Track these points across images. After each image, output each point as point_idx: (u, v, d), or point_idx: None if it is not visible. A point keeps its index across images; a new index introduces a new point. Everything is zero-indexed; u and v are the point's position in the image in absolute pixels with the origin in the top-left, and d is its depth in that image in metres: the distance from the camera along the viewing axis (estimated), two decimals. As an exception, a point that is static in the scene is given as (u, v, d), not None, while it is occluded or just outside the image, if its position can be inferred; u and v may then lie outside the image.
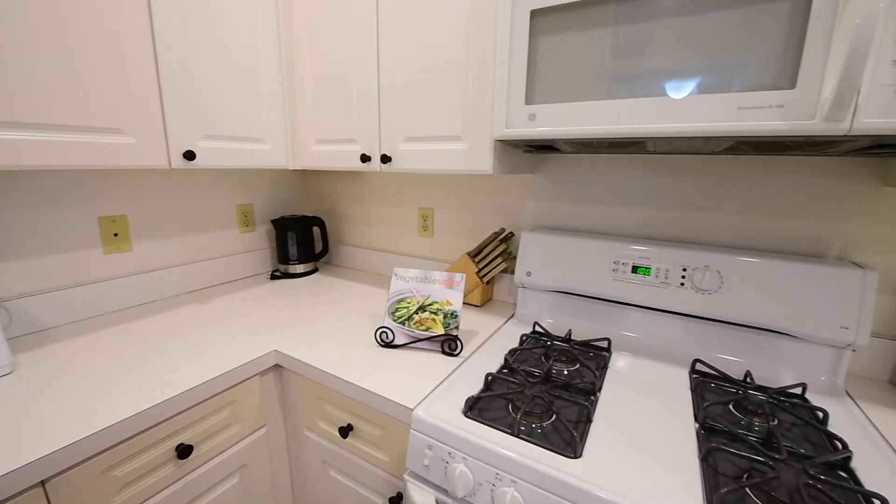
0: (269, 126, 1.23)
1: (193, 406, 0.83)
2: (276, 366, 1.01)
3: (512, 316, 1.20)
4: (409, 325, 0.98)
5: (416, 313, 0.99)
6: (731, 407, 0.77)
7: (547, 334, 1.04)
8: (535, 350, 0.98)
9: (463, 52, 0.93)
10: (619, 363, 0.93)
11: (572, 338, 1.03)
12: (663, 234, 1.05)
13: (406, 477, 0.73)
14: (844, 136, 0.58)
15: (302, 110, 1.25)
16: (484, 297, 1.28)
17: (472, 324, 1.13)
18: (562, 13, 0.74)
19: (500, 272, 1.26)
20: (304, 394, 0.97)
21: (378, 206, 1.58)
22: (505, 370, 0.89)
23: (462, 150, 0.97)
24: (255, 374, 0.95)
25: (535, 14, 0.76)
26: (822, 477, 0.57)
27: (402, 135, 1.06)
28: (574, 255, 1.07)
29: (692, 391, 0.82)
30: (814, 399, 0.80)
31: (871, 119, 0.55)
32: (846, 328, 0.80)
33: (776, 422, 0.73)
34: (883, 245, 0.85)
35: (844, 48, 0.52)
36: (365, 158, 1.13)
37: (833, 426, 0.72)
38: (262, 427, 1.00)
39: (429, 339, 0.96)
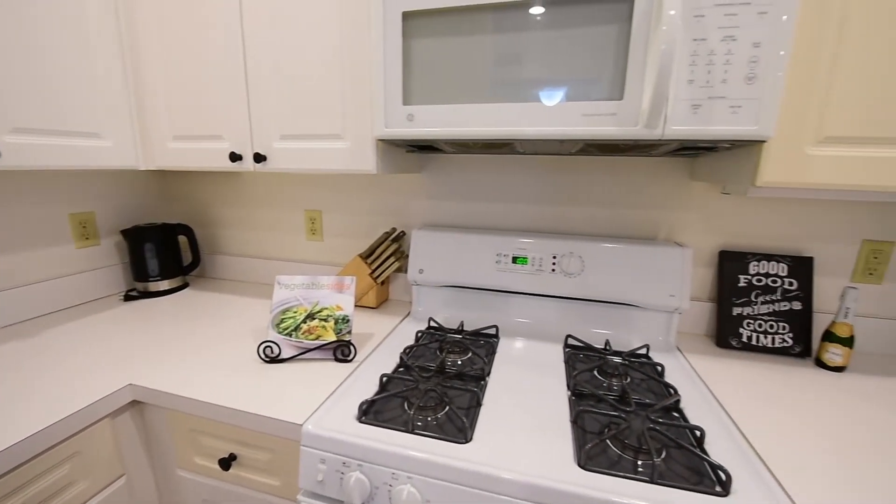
0: (107, 118, 1.03)
1: (11, 471, 0.66)
2: (134, 402, 0.86)
3: (408, 314, 1.21)
4: (296, 336, 0.92)
5: (305, 322, 0.93)
6: (595, 372, 0.89)
7: (441, 328, 1.07)
8: (430, 345, 1.01)
9: (337, 50, 0.90)
10: (506, 347, 1.00)
11: (464, 329, 1.08)
12: (537, 226, 1.16)
13: (299, 498, 0.69)
14: (659, 139, 0.70)
15: (152, 101, 1.08)
16: (379, 298, 1.26)
17: (368, 326, 1.11)
18: (433, 18, 0.76)
19: (394, 272, 1.26)
20: (172, 429, 0.84)
21: (259, 210, 1.45)
22: (401, 369, 0.89)
23: (344, 149, 0.94)
24: (106, 416, 0.79)
25: (407, 16, 0.77)
26: (661, 420, 0.69)
27: (278, 132, 0.99)
28: (461, 250, 1.12)
29: (565, 363, 0.92)
30: (655, 356, 0.97)
31: (676, 126, 0.68)
32: (673, 296, 0.98)
33: (629, 379, 0.86)
34: (695, 227, 1.07)
35: (655, 68, 0.64)
36: (235, 157, 1.02)
37: (668, 377, 0.88)
38: (119, 477, 0.84)
39: (319, 347, 0.91)
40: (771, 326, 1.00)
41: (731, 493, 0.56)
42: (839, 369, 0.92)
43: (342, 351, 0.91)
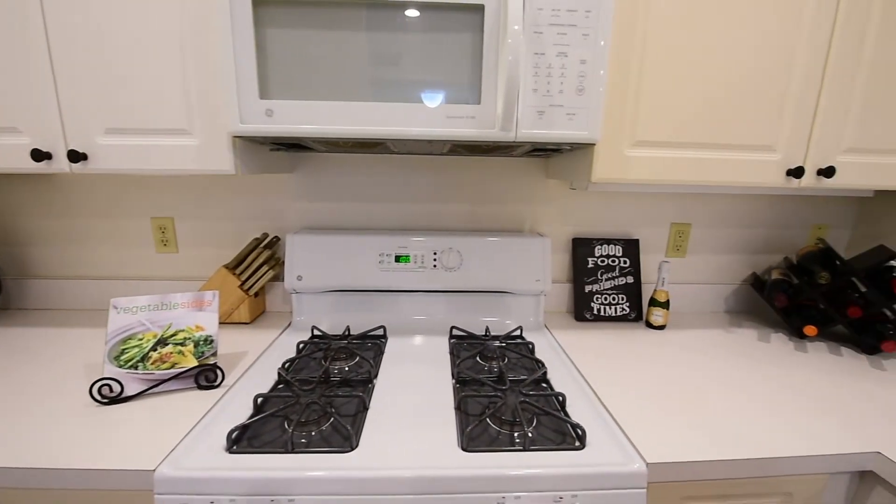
0: None
1: None
2: None
3: (289, 325, 1.13)
4: (145, 367, 0.78)
5: (155, 350, 0.80)
6: (477, 358, 0.95)
7: (325, 336, 1.02)
8: (314, 355, 0.95)
9: (177, 33, 0.78)
10: (394, 347, 1.00)
11: (351, 333, 1.05)
12: (417, 224, 1.19)
13: (158, 555, 0.59)
14: (514, 141, 0.78)
15: None
16: (254, 311, 1.15)
17: (240, 344, 1.00)
18: (286, 8, 0.71)
19: (269, 281, 1.16)
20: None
21: (88, 220, 1.19)
22: (280, 385, 0.82)
23: (192, 146, 0.83)
24: None
25: (258, 3, 0.71)
26: (532, 392, 0.78)
27: (101, 125, 0.82)
28: (343, 252, 1.08)
29: (450, 354, 0.97)
30: (527, 336, 1.08)
31: (526, 130, 0.77)
32: (538, 280, 1.10)
33: (506, 360, 0.94)
34: (552, 218, 1.22)
35: (504, 76, 0.70)
36: (41, 156, 0.82)
37: (538, 353, 0.98)
38: None
39: (177, 376, 0.79)
40: (613, 299, 1.20)
41: (587, 445, 0.66)
42: (661, 327, 1.15)
43: (206, 376, 0.80)
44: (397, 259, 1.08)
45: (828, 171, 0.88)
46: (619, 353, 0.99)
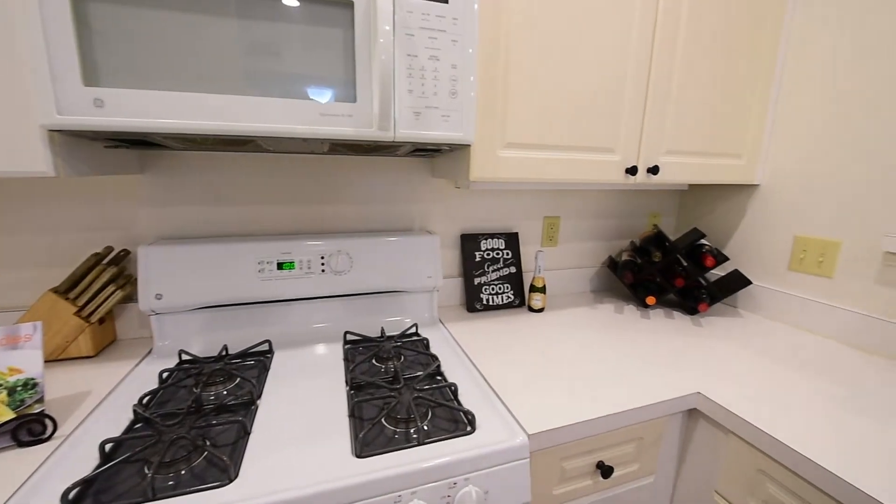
0: None
1: None
2: None
3: (149, 353, 0.97)
4: (-75, 432, 0.59)
5: (-58, 407, 0.61)
6: (373, 361, 0.94)
7: (196, 360, 0.90)
8: (182, 383, 0.83)
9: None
10: (282, 361, 0.93)
11: (228, 353, 0.94)
12: (300, 227, 1.12)
13: None
14: (394, 141, 0.78)
15: None
16: (100, 341, 0.96)
17: (82, 383, 0.83)
18: (116, -21, 0.60)
19: (118, 304, 0.98)
20: None
21: None
22: (138, 424, 0.70)
23: (-14, 143, 0.65)
24: None
25: (71, -32, 0.58)
26: (426, 387, 0.79)
27: None
28: (215, 263, 0.97)
29: (344, 360, 0.93)
30: (423, 332, 1.10)
31: (404, 130, 0.77)
32: (430, 277, 1.13)
33: (402, 359, 0.95)
34: (441, 216, 1.26)
35: (378, 76, 0.70)
36: None
37: (433, 347, 1.01)
38: None
39: (-19, 436, 0.62)
40: (500, 288, 1.29)
41: (477, 428, 0.70)
42: (541, 310, 1.27)
43: (29, 430, 0.65)
44: (280, 266, 1.01)
45: (654, 170, 1.07)
46: (506, 338, 1.07)
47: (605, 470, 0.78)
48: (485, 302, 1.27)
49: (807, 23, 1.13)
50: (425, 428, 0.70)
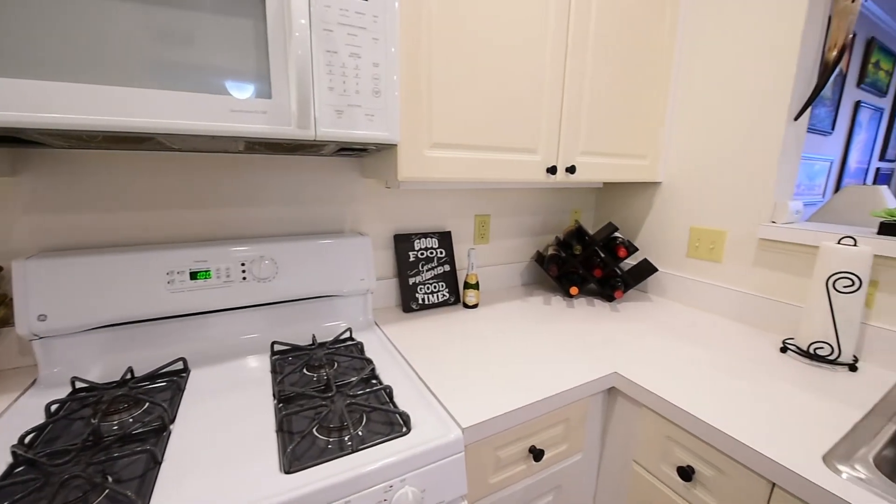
0: None
1: None
2: None
3: (33, 383, 0.83)
4: None
5: None
6: (304, 370, 0.90)
7: (94, 387, 0.79)
8: (77, 414, 0.73)
9: None
10: (199, 379, 0.86)
11: (134, 376, 0.84)
12: (218, 233, 1.03)
13: None
14: (315, 140, 0.75)
15: None
16: (-38, 375, 0.80)
17: (-64, 428, 0.69)
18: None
19: (-14, 329, 0.83)
20: None
21: None
22: (19, 468, 0.60)
23: None
24: None
25: None
26: (360, 392, 0.78)
27: None
28: (114, 276, 0.86)
29: (272, 372, 0.88)
30: (357, 335, 1.08)
31: (326, 129, 0.75)
32: (363, 279, 1.11)
33: (335, 366, 0.92)
34: (372, 217, 1.24)
35: (295, 72, 0.67)
36: None
37: (368, 351, 0.99)
38: None
39: None
40: (435, 287, 1.30)
41: (413, 428, 0.70)
42: (475, 306, 1.31)
43: None
44: (194, 276, 0.92)
45: (571, 169, 1.15)
46: (442, 335, 1.08)
47: (537, 453, 0.82)
48: (420, 301, 1.27)
49: (693, 38, 1.29)
50: (360, 434, 0.68)
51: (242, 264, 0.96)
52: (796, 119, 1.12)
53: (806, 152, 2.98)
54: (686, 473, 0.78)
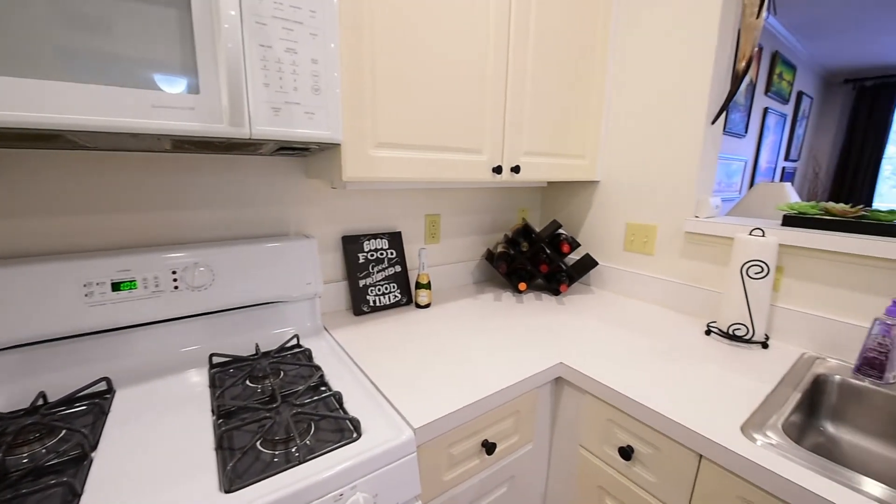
0: None
1: None
2: None
3: (-86, 419, 0.72)
4: None
5: None
6: (247, 382, 0.85)
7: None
8: (-28, 450, 0.64)
9: None
10: (126, 400, 0.78)
11: (47, 401, 0.75)
12: (143, 239, 0.95)
13: None
14: (250, 139, 0.72)
15: None
16: None
17: None
18: None
19: None
20: None
21: None
22: None
23: None
24: None
25: None
26: (308, 401, 0.75)
27: None
28: (18, 290, 0.76)
29: (211, 386, 0.83)
30: (305, 342, 1.04)
31: (262, 127, 0.71)
32: (310, 283, 1.07)
33: (281, 375, 0.88)
34: (319, 219, 1.20)
35: (225, 66, 0.63)
36: None
37: (316, 358, 0.96)
38: None
39: None
40: (386, 288, 1.29)
41: (364, 433, 0.68)
42: (427, 306, 1.31)
43: None
44: (117, 287, 0.84)
45: (516, 169, 1.18)
46: (394, 337, 1.07)
47: (489, 447, 0.84)
48: (372, 303, 1.25)
49: (623, 48, 1.38)
50: (308, 444, 0.66)
51: (174, 272, 0.89)
52: (713, 123, 1.23)
53: (723, 153, 3.30)
54: (626, 453, 0.83)
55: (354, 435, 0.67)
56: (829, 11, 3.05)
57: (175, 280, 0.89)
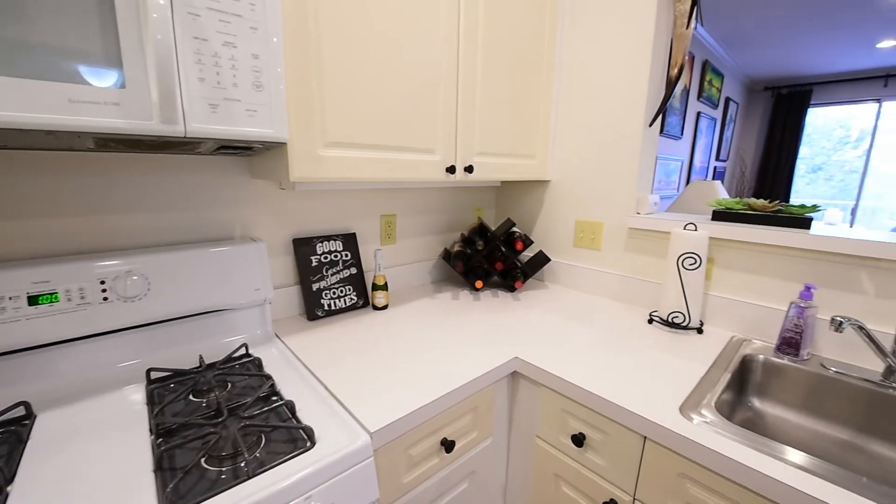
0: None
1: None
2: None
3: None
4: None
5: None
6: (190, 396, 0.80)
7: None
8: None
9: None
10: (49, 425, 0.71)
11: (-52, 432, 0.67)
12: (65, 247, 0.86)
13: None
14: (185, 137, 0.67)
15: None
16: None
17: None
18: None
19: None
20: None
21: None
22: None
23: None
24: None
25: None
26: (257, 412, 0.71)
27: None
28: None
29: (148, 404, 0.77)
30: (255, 351, 0.99)
31: (199, 124, 0.67)
32: (258, 289, 1.02)
33: (228, 387, 0.83)
34: (267, 221, 1.15)
35: (154, 58, 0.59)
36: None
37: (267, 367, 0.92)
38: None
39: None
40: (341, 291, 1.26)
41: (318, 441, 0.66)
42: (385, 307, 1.29)
43: None
44: (34, 301, 0.76)
45: (469, 169, 1.20)
46: (350, 341, 1.05)
47: (448, 445, 0.84)
48: (327, 307, 1.22)
49: (570, 53, 1.43)
50: (258, 457, 0.63)
51: (102, 282, 0.82)
52: (650, 125, 1.31)
53: (662, 154, 3.53)
54: (579, 440, 0.87)
55: (308, 444, 0.65)
56: (750, 25, 3.35)
57: (104, 291, 0.82)
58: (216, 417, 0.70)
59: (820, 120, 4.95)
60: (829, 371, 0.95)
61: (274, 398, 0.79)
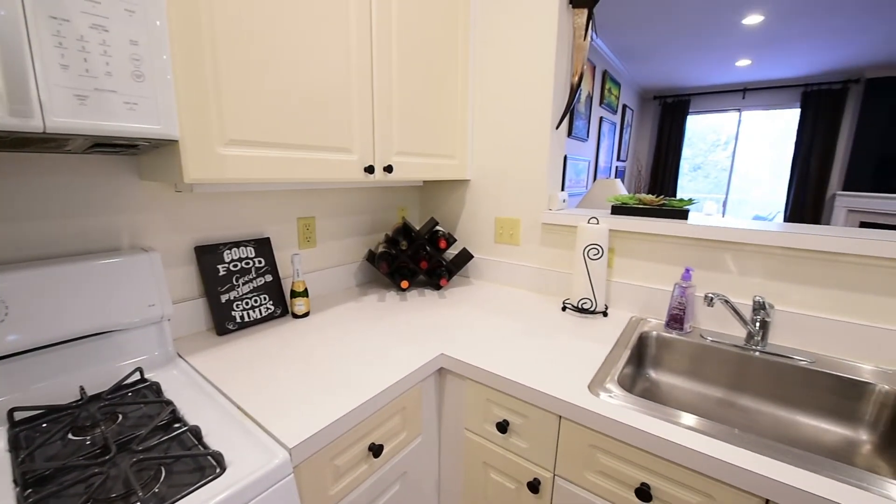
0: None
1: None
2: None
3: None
4: None
5: None
6: (69, 435, 0.69)
7: None
8: None
9: None
10: None
11: None
12: None
13: None
14: (45, 133, 0.57)
15: None
16: None
17: None
18: None
19: None
20: None
21: None
22: None
23: None
24: None
25: None
26: (154, 444, 0.64)
27: None
28: None
29: (11, 450, 0.64)
30: (154, 375, 0.88)
31: (62, 119, 0.58)
32: (153, 305, 0.91)
33: (119, 419, 0.73)
34: (162, 228, 1.02)
35: (-7, 38, 0.49)
36: None
37: (167, 392, 0.82)
38: None
39: None
40: (256, 301, 1.17)
41: (228, 465, 0.61)
42: (306, 315, 1.23)
43: None
44: None
45: (389, 168, 1.19)
46: (266, 353, 0.98)
47: (377, 449, 0.83)
48: (239, 320, 1.12)
49: (481, 58, 1.49)
50: (157, 492, 0.56)
51: (-65, 310, 0.67)
52: (557, 128, 1.41)
53: (572, 154, 3.84)
54: (503, 427, 0.91)
55: (217, 470, 0.60)
56: (638, 41, 3.77)
57: (-62, 320, 0.67)
58: (102, 455, 0.61)
59: (698, 126, 5.76)
60: (706, 340, 1.11)
61: (176, 425, 0.71)
